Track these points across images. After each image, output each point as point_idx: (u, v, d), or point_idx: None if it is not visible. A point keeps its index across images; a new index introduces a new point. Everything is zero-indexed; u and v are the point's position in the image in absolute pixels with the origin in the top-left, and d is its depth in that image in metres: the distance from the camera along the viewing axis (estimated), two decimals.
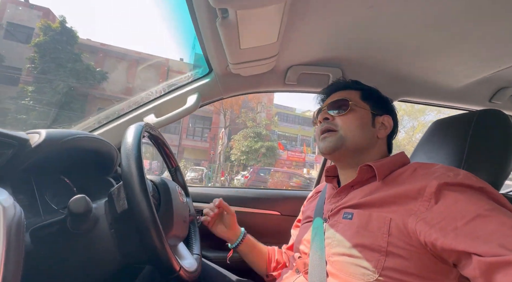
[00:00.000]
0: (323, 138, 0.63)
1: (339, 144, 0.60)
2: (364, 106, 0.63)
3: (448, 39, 0.74)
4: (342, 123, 0.61)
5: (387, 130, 0.64)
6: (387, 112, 0.66)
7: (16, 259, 0.29)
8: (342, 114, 0.62)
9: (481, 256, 0.36)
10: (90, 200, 0.45)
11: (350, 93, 0.65)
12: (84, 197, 0.43)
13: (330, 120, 0.63)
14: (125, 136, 0.51)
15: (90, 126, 0.91)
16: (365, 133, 0.61)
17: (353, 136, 0.60)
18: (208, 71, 0.95)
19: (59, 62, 11.71)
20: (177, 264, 0.46)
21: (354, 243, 0.49)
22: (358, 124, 0.61)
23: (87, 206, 0.43)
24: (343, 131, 0.60)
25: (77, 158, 0.66)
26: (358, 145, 0.60)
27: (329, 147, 0.61)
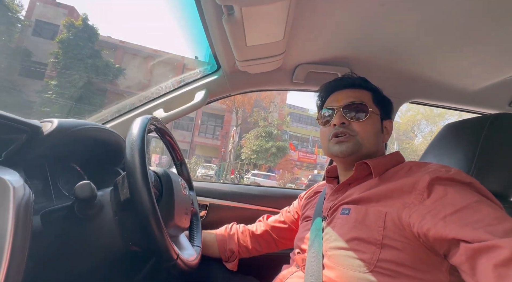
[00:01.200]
0: (338, 142, 0.60)
1: (355, 150, 0.59)
2: (376, 112, 0.62)
3: (466, 39, 0.71)
4: (360, 130, 0.60)
5: (389, 134, 0.66)
6: (389, 116, 0.66)
7: (23, 236, 0.32)
8: (360, 120, 0.60)
9: (468, 242, 0.38)
10: (95, 187, 0.47)
11: (363, 94, 0.63)
12: (89, 183, 0.45)
13: (346, 125, 0.60)
14: (131, 128, 0.53)
15: (103, 119, 0.95)
16: (378, 140, 0.62)
17: (369, 143, 0.60)
18: (216, 68, 0.96)
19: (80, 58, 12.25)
20: (174, 253, 0.48)
21: (351, 236, 0.51)
22: (374, 131, 0.61)
23: (91, 191, 0.45)
24: (360, 138, 0.60)
25: (88, 147, 0.70)
26: (371, 152, 0.61)
27: (345, 152, 0.60)
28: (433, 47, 0.76)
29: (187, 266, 0.53)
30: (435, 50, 0.77)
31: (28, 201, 0.34)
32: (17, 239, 0.31)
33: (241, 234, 0.84)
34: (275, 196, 1.13)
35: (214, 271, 0.80)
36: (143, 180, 0.46)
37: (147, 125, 0.55)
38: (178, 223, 0.58)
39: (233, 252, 0.81)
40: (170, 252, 0.47)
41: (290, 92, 24.03)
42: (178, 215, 0.59)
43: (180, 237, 0.67)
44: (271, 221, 0.86)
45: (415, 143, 17.13)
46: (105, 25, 38.19)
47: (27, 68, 13.08)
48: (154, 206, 0.46)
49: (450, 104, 1.03)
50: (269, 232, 0.83)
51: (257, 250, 0.82)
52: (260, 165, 15.15)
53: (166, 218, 0.54)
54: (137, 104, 0.98)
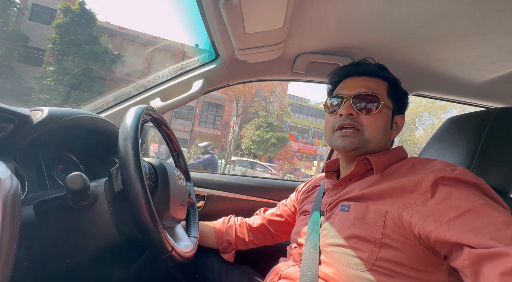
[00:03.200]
0: (344, 136, 0.57)
1: (361, 146, 0.57)
2: (389, 105, 0.58)
3: (474, 28, 0.67)
4: (368, 124, 0.56)
5: (398, 131, 0.62)
6: (402, 111, 0.62)
7: (11, 227, 0.31)
8: (370, 113, 0.56)
9: (472, 248, 0.37)
10: (86, 178, 0.46)
11: (378, 85, 0.59)
12: (80, 174, 0.45)
13: (353, 116, 0.57)
14: (124, 118, 0.52)
15: (99, 108, 0.93)
16: (386, 136, 0.59)
17: (376, 139, 0.57)
18: (214, 56, 0.93)
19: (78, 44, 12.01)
20: (169, 244, 0.48)
21: (350, 234, 0.50)
22: (383, 126, 0.58)
23: (83, 183, 0.45)
24: (367, 133, 0.56)
25: (82, 136, 0.68)
26: (377, 147, 0.59)
27: (348, 147, 0.57)
28: (440, 36, 0.73)
29: (182, 258, 0.53)
30: (441, 39, 0.74)
31: (15, 193, 0.33)
32: (5, 231, 0.31)
33: (239, 226, 0.84)
34: (274, 187, 1.13)
35: (211, 261, 0.80)
36: (136, 172, 0.45)
37: (141, 116, 0.54)
38: (173, 214, 0.58)
39: (230, 244, 0.81)
40: (164, 244, 0.46)
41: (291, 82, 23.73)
42: (174, 207, 0.58)
43: (176, 228, 0.67)
44: (268, 214, 0.86)
45: (416, 135, 17.09)
46: (103, 10, 37.27)
47: (25, 54, 12.87)
48: (148, 198, 0.45)
49: (454, 97, 1.00)
50: (266, 226, 0.83)
51: (253, 242, 0.83)
52: (260, 155, 15.19)
53: (161, 210, 0.54)
54: (133, 93, 0.96)
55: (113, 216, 0.53)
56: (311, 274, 0.52)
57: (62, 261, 0.52)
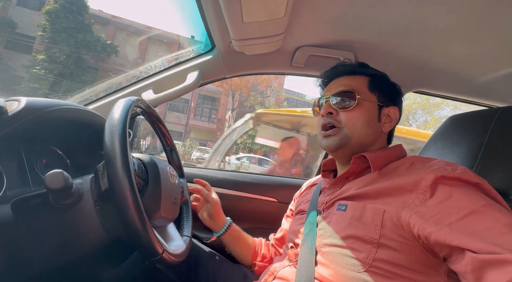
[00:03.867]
0: (326, 136, 0.59)
1: (343, 143, 0.58)
2: (371, 98, 0.59)
3: (479, 24, 0.65)
4: (347, 120, 0.57)
5: (392, 123, 0.61)
6: (394, 103, 0.61)
7: None
8: (347, 109, 0.57)
9: (475, 253, 0.36)
10: (68, 176, 0.43)
11: (357, 81, 0.60)
12: (61, 172, 0.41)
13: (333, 115, 0.59)
14: (111, 111, 0.48)
15: (87, 99, 0.88)
16: (371, 130, 0.58)
17: (358, 134, 0.57)
18: (210, 47, 0.89)
19: (69, 32, 11.62)
20: (159, 246, 0.45)
21: (347, 234, 0.49)
22: (364, 120, 0.58)
23: (64, 181, 0.41)
24: (347, 130, 0.57)
25: (68, 129, 0.64)
26: (363, 143, 0.58)
27: (331, 146, 0.58)
28: (445, 31, 0.70)
29: (174, 259, 0.50)
30: (446, 34, 0.71)
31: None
32: None
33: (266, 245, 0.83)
34: (272, 184, 1.11)
35: (204, 260, 0.78)
36: (124, 169, 0.41)
37: (130, 108, 0.50)
38: (165, 214, 0.55)
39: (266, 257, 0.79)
40: (154, 246, 0.44)
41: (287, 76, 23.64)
42: (165, 205, 0.55)
43: (167, 226, 0.64)
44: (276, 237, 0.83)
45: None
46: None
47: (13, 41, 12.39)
48: (136, 198, 0.42)
49: (455, 95, 0.98)
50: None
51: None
52: (255, 150, 15.18)
53: (152, 209, 0.51)
54: (124, 84, 0.91)
55: (100, 216, 0.50)
56: (307, 275, 0.50)
57: (46, 262, 0.48)
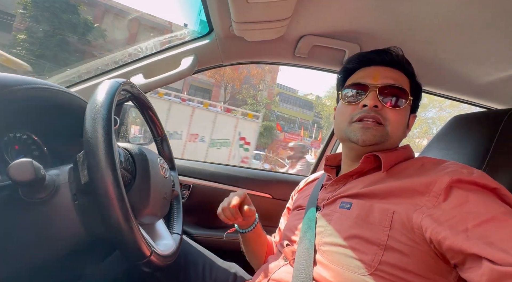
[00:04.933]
0: (365, 128, 0.51)
1: (381, 141, 0.52)
2: (409, 102, 0.55)
3: (496, 20, 0.62)
4: (393, 119, 0.52)
5: (409, 130, 0.59)
6: (415, 111, 0.59)
7: None
8: (396, 108, 0.52)
9: (494, 263, 0.33)
10: (40, 166, 0.36)
11: (404, 80, 0.54)
12: (30, 162, 0.35)
13: (378, 109, 0.52)
14: (94, 93, 0.42)
15: (69, 80, 0.79)
16: (403, 134, 0.57)
17: (397, 136, 0.54)
18: (208, 31, 0.82)
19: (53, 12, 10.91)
20: (147, 248, 0.40)
21: (351, 234, 0.46)
22: (404, 123, 0.55)
23: (34, 173, 0.35)
24: (390, 129, 0.52)
25: (45, 113, 0.57)
26: (394, 145, 0.55)
27: (369, 140, 0.51)
28: (458, 27, 0.67)
29: (163, 261, 0.45)
30: (459, 30, 0.68)
31: None
32: None
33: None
34: (267, 180, 1.07)
35: (194, 257, 0.74)
36: (107, 160, 0.36)
37: (117, 91, 0.44)
38: (154, 210, 0.50)
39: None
40: (141, 248, 0.39)
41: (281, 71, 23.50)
42: (155, 201, 0.50)
43: (156, 223, 0.59)
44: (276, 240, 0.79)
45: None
46: None
47: None
48: (121, 194, 0.36)
49: (457, 95, 0.97)
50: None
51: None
52: None
53: (139, 206, 0.46)
54: (111, 66, 0.83)
55: (79, 212, 0.44)
56: (305, 275, 0.47)
57: (18, 263, 0.42)
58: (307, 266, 0.49)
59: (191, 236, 0.92)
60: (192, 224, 0.99)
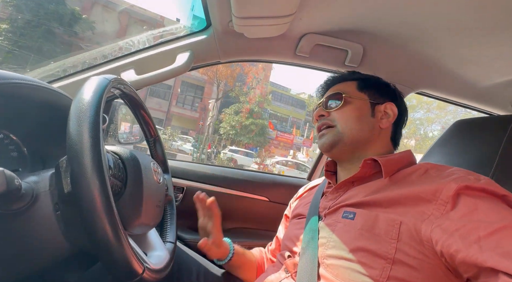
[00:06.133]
0: (321, 135, 0.60)
1: (336, 140, 0.56)
2: (361, 97, 0.59)
3: (502, 23, 0.60)
4: (338, 117, 0.58)
5: (390, 119, 0.58)
6: (389, 100, 0.60)
7: None
8: (337, 108, 0.58)
9: (510, 277, 0.32)
10: (12, 175, 0.31)
11: (346, 86, 0.62)
12: (1, 171, 0.30)
13: (326, 116, 0.60)
14: (80, 90, 0.37)
15: (53, 75, 0.73)
16: (364, 125, 0.57)
17: (351, 129, 0.56)
18: (205, 26, 0.77)
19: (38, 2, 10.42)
20: (139, 265, 0.36)
21: (356, 246, 0.44)
22: (355, 116, 0.57)
23: (6, 184, 0.30)
24: (340, 126, 0.57)
25: (25, 111, 0.51)
26: (356, 138, 0.56)
27: (326, 144, 0.58)
28: (464, 28, 0.65)
29: (156, 276, 0.41)
30: (464, 32, 0.67)
31: None
32: None
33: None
34: (264, 182, 1.03)
35: (187, 265, 0.70)
36: (95, 168, 0.31)
37: (106, 89, 0.39)
38: (146, 220, 0.45)
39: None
40: (132, 266, 0.34)
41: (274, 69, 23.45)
42: (147, 211, 0.45)
43: (148, 233, 0.55)
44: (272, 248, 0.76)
45: None
46: None
47: None
48: (110, 206, 0.32)
49: (457, 98, 0.96)
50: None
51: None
52: (238, 141, 15.06)
53: (130, 217, 0.41)
54: (99, 60, 0.77)
55: (61, 223, 0.39)
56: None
57: None
58: (310, 280, 0.46)
59: (184, 241, 0.88)
60: (186, 228, 0.94)
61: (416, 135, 16.21)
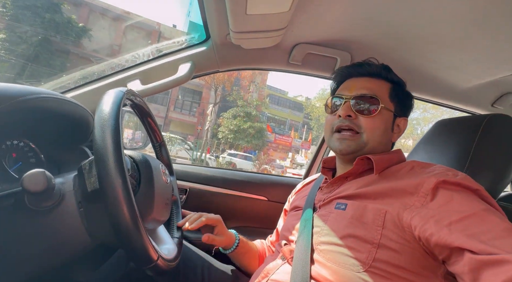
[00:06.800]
0: (341, 139, 0.57)
1: (358, 148, 0.57)
2: (390, 107, 0.58)
3: (471, 33, 0.67)
4: (367, 126, 0.56)
5: (400, 134, 0.62)
6: (405, 114, 0.62)
7: None
8: (369, 116, 0.56)
9: (474, 253, 0.36)
10: (51, 176, 0.37)
11: (380, 86, 0.59)
12: (43, 172, 0.35)
13: (352, 118, 0.57)
14: (101, 103, 0.43)
15: (64, 86, 0.79)
16: (385, 139, 0.59)
17: (374, 142, 0.57)
18: (205, 38, 0.84)
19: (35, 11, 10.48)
20: (154, 253, 0.41)
21: (346, 233, 0.48)
22: (383, 129, 0.57)
23: (47, 183, 0.35)
24: (366, 136, 0.56)
25: (44, 121, 0.57)
26: (375, 151, 0.58)
27: (345, 150, 0.57)
28: (439, 37, 0.72)
29: (168, 265, 0.46)
30: (440, 41, 0.74)
31: None
32: None
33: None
34: (262, 183, 1.09)
35: (192, 260, 0.75)
36: (117, 168, 0.37)
37: (122, 101, 0.45)
38: (157, 216, 0.51)
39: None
40: (149, 253, 0.40)
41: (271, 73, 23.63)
42: (158, 207, 0.51)
43: (158, 229, 0.60)
44: (272, 240, 0.82)
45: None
46: None
47: None
48: (131, 201, 0.38)
49: (441, 100, 1.03)
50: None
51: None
52: (236, 145, 15.10)
53: (144, 212, 0.47)
54: (107, 72, 0.83)
55: (84, 219, 0.45)
56: (303, 273, 0.50)
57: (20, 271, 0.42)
58: (305, 264, 0.51)
59: (189, 240, 0.93)
60: None
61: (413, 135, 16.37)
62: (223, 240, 0.71)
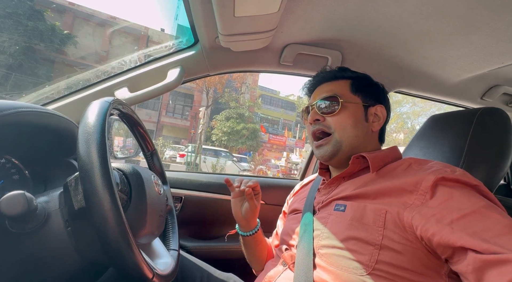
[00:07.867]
0: (318, 146, 0.60)
1: (336, 150, 0.58)
2: (355, 100, 0.59)
3: (459, 28, 0.68)
4: (335, 124, 0.58)
5: (380, 121, 0.61)
6: (379, 101, 0.62)
7: None
8: (333, 114, 0.58)
9: (477, 253, 0.36)
10: (31, 197, 0.34)
11: (339, 85, 0.61)
12: (22, 194, 0.33)
13: (321, 121, 0.59)
14: (85, 115, 0.41)
15: (48, 97, 0.76)
16: (359, 131, 0.59)
17: (348, 137, 0.58)
18: (193, 42, 0.82)
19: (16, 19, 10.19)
20: (149, 270, 0.39)
21: (347, 235, 0.47)
22: (352, 122, 0.58)
23: (27, 205, 0.33)
24: (337, 134, 0.58)
25: (25, 136, 0.54)
26: (354, 145, 0.58)
27: (326, 156, 0.59)
28: (428, 34, 0.73)
29: (165, 281, 0.44)
30: (429, 37, 0.74)
31: None
32: None
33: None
34: None
35: (191, 269, 0.73)
36: (105, 185, 0.35)
37: (108, 111, 0.43)
38: (151, 230, 0.48)
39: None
40: (143, 271, 0.38)
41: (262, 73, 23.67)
42: (151, 220, 0.49)
43: (153, 241, 0.58)
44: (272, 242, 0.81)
45: None
46: None
47: None
48: (120, 218, 0.35)
49: (432, 95, 1.04)
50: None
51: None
52: (231, 147, 15.04)
53: (137, 227, 0.44)
54: (93, 80, 0.80)
55: (72, 238, 0.42)
56: (305, 279, 0.49)
57: None
58: (307, 270, 0.49)
59: (186, 249, 0.90)
60: (187, 236, 0.97)
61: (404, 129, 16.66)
62: (243, 220, 0.71)
